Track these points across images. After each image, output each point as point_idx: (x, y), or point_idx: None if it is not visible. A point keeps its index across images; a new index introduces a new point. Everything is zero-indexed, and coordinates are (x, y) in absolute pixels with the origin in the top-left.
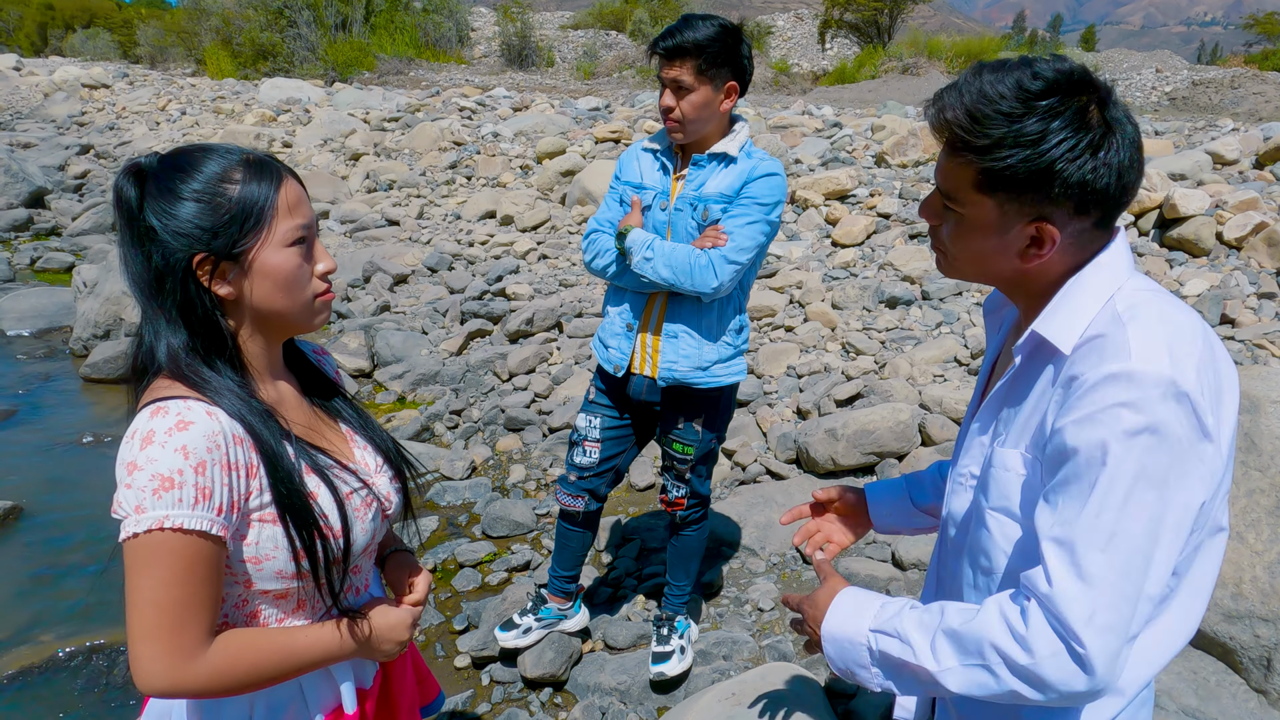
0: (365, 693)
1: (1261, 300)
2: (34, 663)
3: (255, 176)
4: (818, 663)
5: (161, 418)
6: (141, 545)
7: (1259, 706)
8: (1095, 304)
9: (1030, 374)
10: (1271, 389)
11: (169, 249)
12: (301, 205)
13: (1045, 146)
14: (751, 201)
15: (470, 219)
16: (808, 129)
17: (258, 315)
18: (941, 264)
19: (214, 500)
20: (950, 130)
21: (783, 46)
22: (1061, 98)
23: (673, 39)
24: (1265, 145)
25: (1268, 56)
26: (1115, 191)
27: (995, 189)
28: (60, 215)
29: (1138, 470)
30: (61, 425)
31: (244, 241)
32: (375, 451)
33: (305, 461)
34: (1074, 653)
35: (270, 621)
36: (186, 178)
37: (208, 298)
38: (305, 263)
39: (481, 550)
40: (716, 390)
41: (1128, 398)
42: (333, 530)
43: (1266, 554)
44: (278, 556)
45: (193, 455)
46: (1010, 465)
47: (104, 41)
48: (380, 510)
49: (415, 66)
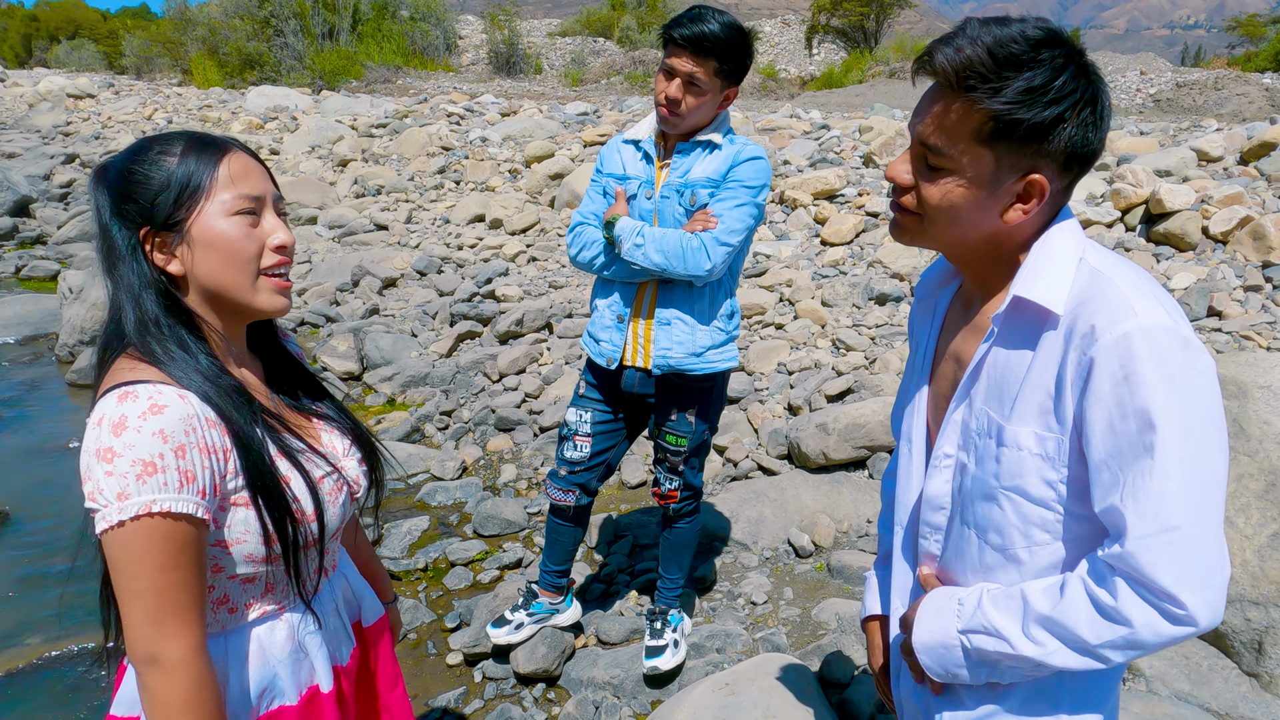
0: (341, 670)
1: (1247, 293)
2: (20, 666)
3: (196, 150)
4: (812, 653)
5: (132, 402)
6: (129, 533)
7: (1251, 690)
8: (1070, 265)
9: (1014, 343)
10: (1259, 375)
11: (119, 225)
12: (249, 176)
13: (1058, 95)
14: (739, 184)
15: (459, 223)
16: (796, 131)
17: (205, 292)
18: (908, 229)
19: (197, 483)
20: (968, 69)
21: (770, 52)
22: (1063, 50)
23: (698, 34)
24: (1249, 142)
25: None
26: (1095, 149)
27: (1001, 138)
28: (45, 224)
29: (1184, 420)
30: (48, 431)
31: (179, 212)
32: (342, 434)
33: (276, 445)
34: (1170, 614)
35: (239, 606)
36: (135, 160)
37: (159, 274)
38: (252, 231)
39: (473, 549)
40: (709, 379)
41: (1153, 354)
42: (305, 515)
43: (1256, 538)
44: (248, 540)
45: (171, 439)
46: (1023, 443)
47: (89, 52)
48: (350, 494)
49: (403, 75)
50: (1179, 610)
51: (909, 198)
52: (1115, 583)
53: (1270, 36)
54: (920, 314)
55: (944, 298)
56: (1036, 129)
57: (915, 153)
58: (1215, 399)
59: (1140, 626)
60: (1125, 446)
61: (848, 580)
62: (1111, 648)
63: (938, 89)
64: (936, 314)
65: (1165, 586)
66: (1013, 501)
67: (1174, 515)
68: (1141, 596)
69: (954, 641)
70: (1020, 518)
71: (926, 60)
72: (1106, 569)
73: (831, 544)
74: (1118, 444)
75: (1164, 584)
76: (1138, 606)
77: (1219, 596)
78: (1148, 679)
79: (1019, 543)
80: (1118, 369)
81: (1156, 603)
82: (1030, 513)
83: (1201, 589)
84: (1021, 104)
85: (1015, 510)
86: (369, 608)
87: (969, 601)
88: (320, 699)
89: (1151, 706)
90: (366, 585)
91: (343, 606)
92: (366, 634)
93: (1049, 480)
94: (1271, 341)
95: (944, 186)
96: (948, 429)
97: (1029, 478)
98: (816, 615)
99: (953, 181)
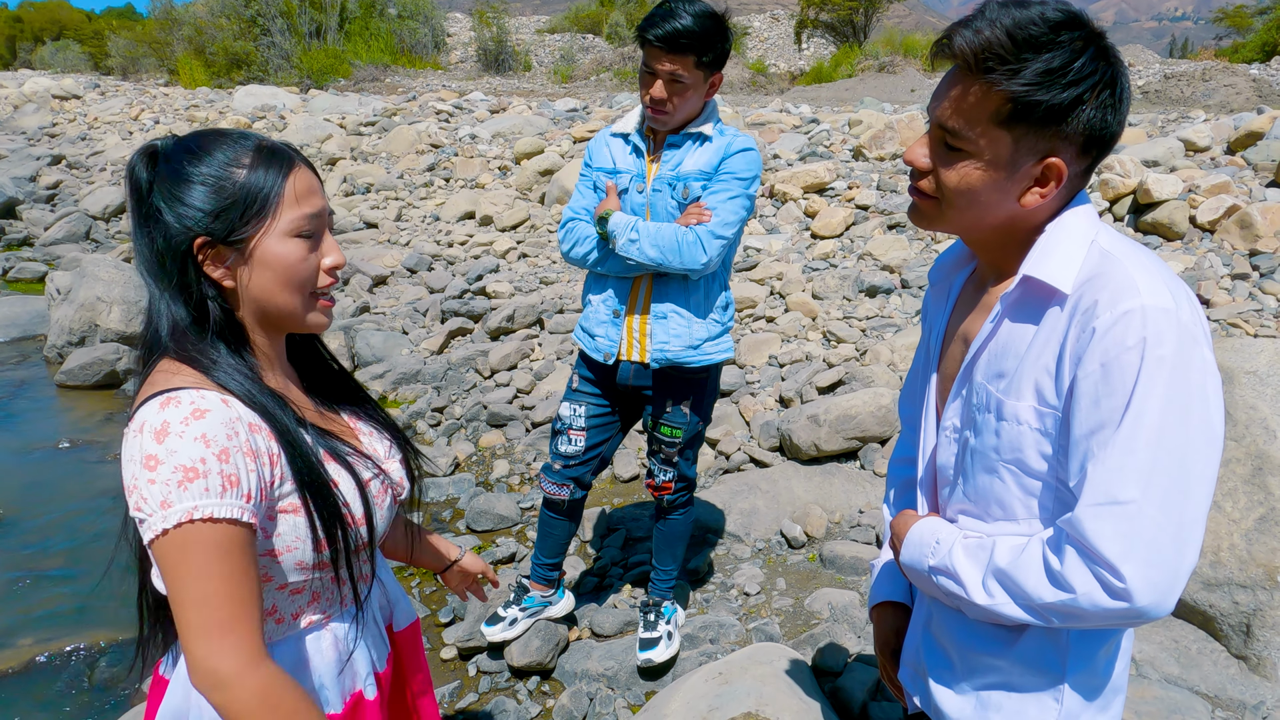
0: (380, 676)
1: (1235, 281)
2: (12, 666)
3: (264, 163)
4: (805, 642)
5: (174, 408)
6: (172, 542)
7: (1239, 672)
8: (1082, 246)
9: (1020, 320)
10: (1245, 360)
11: (171, 231)
12: (312, 195)
13: (1076, 77)
14: (731, 176)
15: (449, 220)
16: (785, 125)
17: (255, 306)
18: (925, 213)
19: (241, 487)
20: (987, 51)
21: (759, 47)
22: (1083, 32)
23: (672, 31)
24: (1236, 132)
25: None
26: (1114, 131)
27: (1019, 120)
28: (32, 225)
29: (1163, 402)
30: (38, 432)
31: (244, 229)
32: (381, 437)
33: (323, 448)
34: (1110, 586)
35: (285, 617)
36: (196, 160)
37: (206, 283)
38: (310, 255)
39: (466, 544)
40: (705, 371)
41: (1146, 334)
42: (354, 518)
43: (1243, 522)
44: (299, 547)
45: (214, 443)
46: (1023, 418)
47: (74, 53)
48: (394, 496)
49: (391, 73)
50: (1118, 583)
51: (926, 182)
52: (1065, 549)
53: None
54: (935, 297)
55: (958, 281)
56: (1055, 111)
57: (934, 136)
58: (1206, 391)
59: (1081, 595)
60: (1101, 419)
61: (840, 570)
62: (1053, 611)
63: (956, 72)
64: (950, 297)
65: (1107, 556)
66: (1013, 474)
67: (1128, 489)
68: (1086, 565)
69: (924, 573)
70: (1022, 489)
71: (945, 43)
72: (1062, 535)
73: (824, 535)
74: (1099, 418)
75: (1106, 554)
76: (1081, 574)
77: (1168, 582)
78: (1137, 663)
79: (1021, 514)
80: (1111, 345)
81: (1098, 572)
82: (1031, 485)
83: (1145, 567)
84: (1040, 86)
85: (1016, 482)
86: (401, 612)
87: (944, 542)
88: (364, 705)
89: (1142, 690)
90: (401, 590)
91: (378, 612)
92: (398, 639)
93: (1045, 454)
94: (1259, 328)
95: (962, 169)
96: (953, 404)
97: (1028, 451)
98: (809, 605)
99: (971, 164)
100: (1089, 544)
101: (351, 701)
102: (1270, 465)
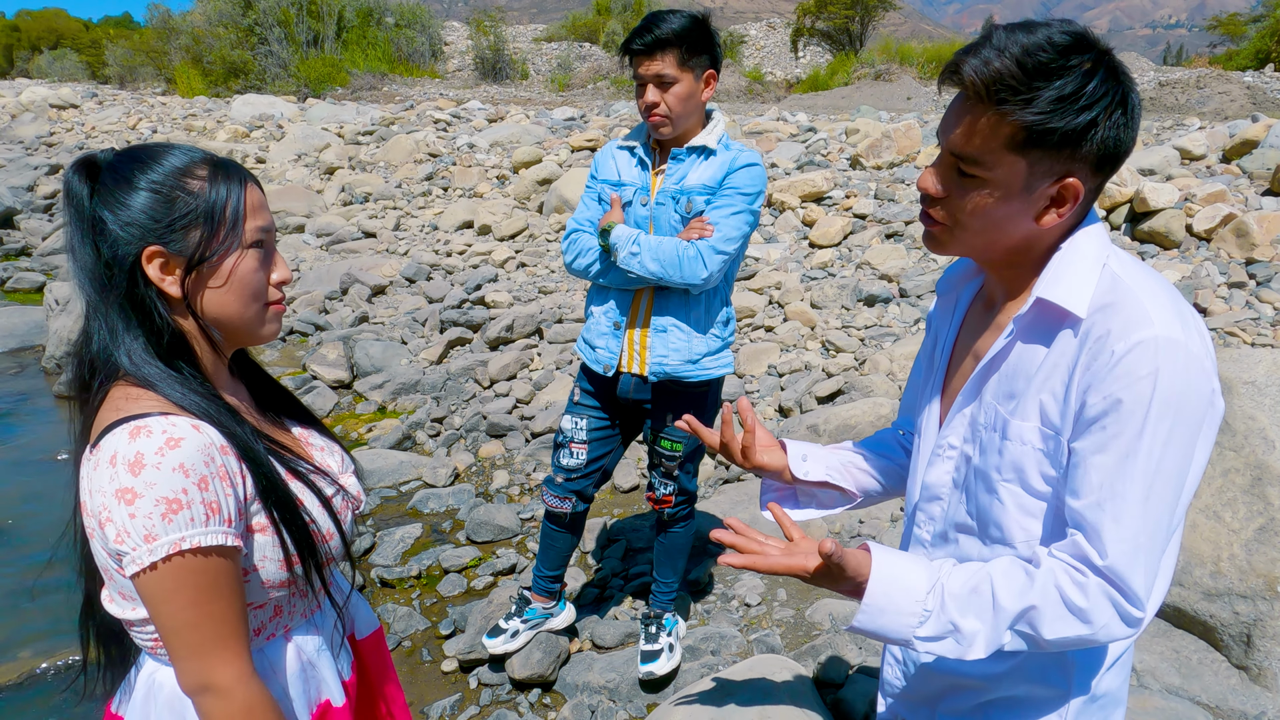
0: (346, 684)
1: (1232, 289)
2: (11, 679)
3: (224, 178)
4: (806, 654)
5: (145, 438)
6: (160, 575)
7: (1240, 683)
8: (1095, 269)
9: (1033, 341)
10: (1243, 370)
11: (119, 241)
12: (263, 209)
13: (1089, 101)
14: (735, 192)
15: (447, 229)
16: (782, 134)
17: (211, 320)
18: (939, 238)
19: (223, 513)
20: (998, 82)
21: (756, 55)
22: (1092, 54)
23: (650, 33)
24: (1231, 140)
25: (1231, 57)
26: (1128, 148)
27: (1033, 146)
28: (30, 235)
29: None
30: (36, 443)
31: (220, 247)
32: (332, 453)
33: (284, 466)
34: (1129, 616)
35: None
36: (144, 169)
37: (154, 294)
38: (262, 269)
39: (466, 555)
40: (705, 385)
41: (1159, 365)
42: (321, 533)
43: (1243, 532)
44: (267, 566)
45: (193, 472)
46: (1027, 439)
47: (71, 62)
48: (353, 511)
49: (389, 81)
50: (1137, 613)
51: (938, 210)
52: (1088, 584)
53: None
54: (941, 310)
55: (965, 294)
56: (1070, 136)
57: (946, 163)
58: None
59: (1099, 627)
60: (1125, 451)
61: None
62: (1059, 643)
63: (965, 100)
64: (957, 310)
65: (1138, 592)
66: (1014, 494)
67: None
68: (1109, 599)
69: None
70: (1020, 510)
71: (954, 72)
72: (1081, 570)
73: None
74: (1102, 442)
75: (1137, 589)
76: (1104, 608)
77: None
78: (1138, 674)
79: (1018, 536)
80: (1123, 375)
81: (1121, 606)
82: (1031, 506)
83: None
84: (1054, 113)
85: (1016, 503)
86: (363, 620)
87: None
88: (332, 712)
89: (1143, 700)
90: (360, 598)
91: None
92: (361, 646)
93: (1048, 476)
94: (1256, 337)
95: (977, 195)
96: (954, 420)
97: (1030, 471)
98: (810, 616)
99: (986, 190)
100: (1122, 581)
101: (319, 711)
102: (1269, 475)
